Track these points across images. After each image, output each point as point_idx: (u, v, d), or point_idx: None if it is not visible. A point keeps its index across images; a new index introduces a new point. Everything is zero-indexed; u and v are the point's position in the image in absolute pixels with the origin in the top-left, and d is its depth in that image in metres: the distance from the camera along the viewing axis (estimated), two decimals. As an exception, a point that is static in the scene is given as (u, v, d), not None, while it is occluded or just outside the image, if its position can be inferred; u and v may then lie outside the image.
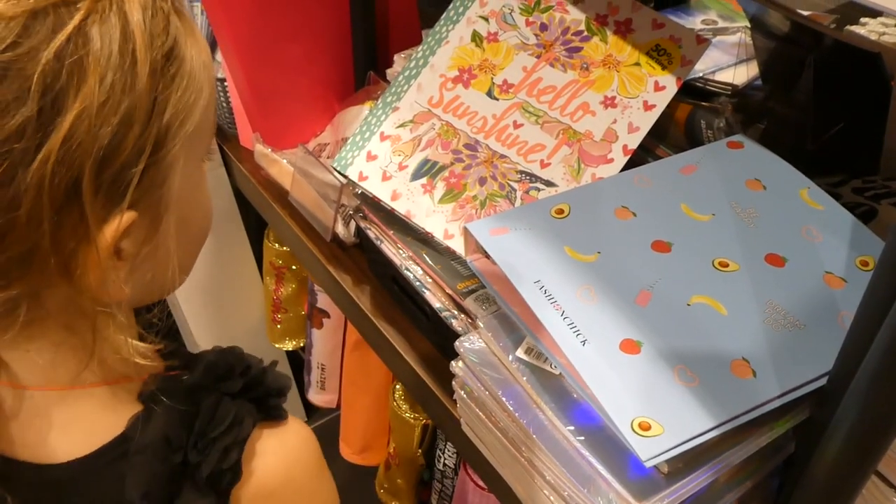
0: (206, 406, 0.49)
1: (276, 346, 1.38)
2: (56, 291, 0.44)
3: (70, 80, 0.39)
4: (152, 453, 0.47)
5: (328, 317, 1.21)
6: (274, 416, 0.52)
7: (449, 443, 1.04)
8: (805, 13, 0.92)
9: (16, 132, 0.38)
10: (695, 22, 0.96)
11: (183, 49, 0.44)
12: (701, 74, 0.84)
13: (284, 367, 1.53)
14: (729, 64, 0.87)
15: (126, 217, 0.42)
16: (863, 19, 1.00)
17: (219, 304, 1.38)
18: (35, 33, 0.39)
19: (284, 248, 1.24)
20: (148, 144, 0.42)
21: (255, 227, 1.33)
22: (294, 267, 1.26)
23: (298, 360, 1.45)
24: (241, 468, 0.49)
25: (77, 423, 0.48)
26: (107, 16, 0.40)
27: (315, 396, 1.35)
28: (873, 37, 0.97)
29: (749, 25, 0.83)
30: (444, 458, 1.05)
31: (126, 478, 0.47)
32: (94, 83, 0.39)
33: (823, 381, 0.51)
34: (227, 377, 0.51)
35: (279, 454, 0.51)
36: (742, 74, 0.85)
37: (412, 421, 1.07)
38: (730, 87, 0.83)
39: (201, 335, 1.38)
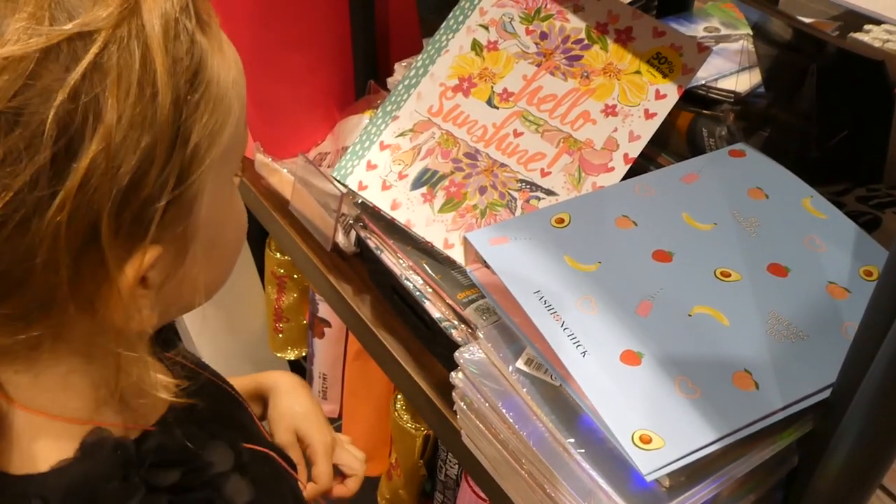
0: (111, 490, 0.44)
1: (278, 355, 1.38)
2: (78, 327, 0.42)
3: (86, 120, 0.36)
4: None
5: (329, 326, 1.21)
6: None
7: (450, 453, 1.03)
8: (808, 20, 0.92)
9: (29, 182, 0.35)
10: (697, 29, 0.96)
11: (209, 70, 0.41)
12: (703, 82, 0.84)
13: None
14: (731, 71, 0.86)
15: (150, 254, 0.40)
16: (866, 26, 1.00)
17: (221, 313, 1.37)
18: (48, 72, 0.35)
19: (286, 257, 1.23)
20: (172, 177, 0.39)
21: (257, 237, 1.33)
22: (295, 276, 1.26)
23: (300, 370, 1.44)
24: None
25: (39, 441, 0.45)
26: (125, 45, 0.37)
27: (317, 406, 1.34)
28: (877, 44, 0.97)
29: (751, 33, 0.83)
30: (446, 469, 1.04)
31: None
32: (111, 122, 0.36)
33: (827, 393, 0.50)
34: (168, 466, 0.47)
35: None
36: (745, 82, 0.84)
37: (413, 431, 1.06)
38: (732, 95, 0.83)
39: (203, 344, 1.37)
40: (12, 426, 0.45)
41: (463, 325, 0.70)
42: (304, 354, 1.36)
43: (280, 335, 1.35)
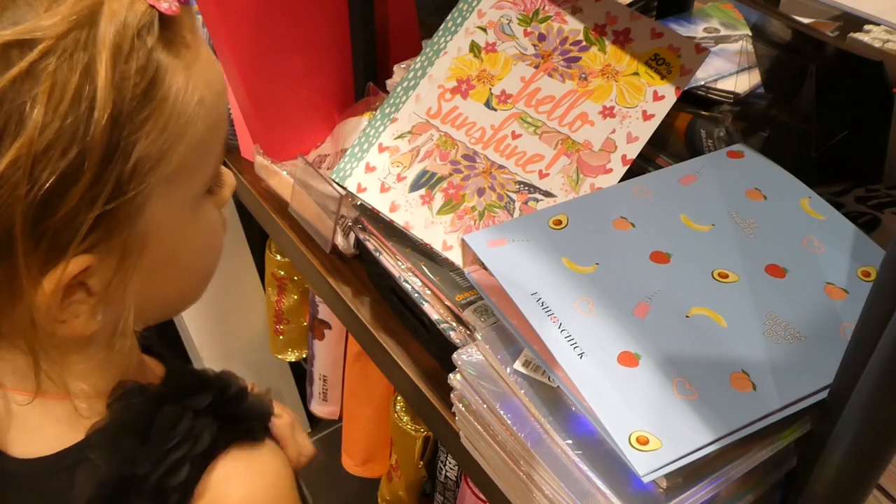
0: (162, 416, 0.47)
1: (279, 356, 1.38)
2: (9, 321, 0.42)
3: (6, 127, 0.36)
4: (103, 459, 0.46)
5: (329, 328, 1.21)
6: (246, 439, 0.50)
7: (450, 455, 1.03)
8: (807, 21, 0.92)
9: None
10: (696, 30, 0.96)
11: (166, 88, 0.40)
12: (702, 83, 0.84)
13: (287, 379, 1.53)
14: (731, 72, 0.86)
15: (74, 264, 0.40)
16: (866, 27, 1.00)
17: (221, 314, 1.38)
18: None
19: (286, 259, 1.23)
20: (104, 191, 0.39)
21: (257, 238, 1.33)
22: (296, 278, 1.26)
23: (301, 372, 1.44)
24: (192, 487, 0.47)
25: (46, 427, 0.47)
26: (67, 56, 0.37)
27: (317, 408, 1.34)
28: (877, 44, 0.96)
29: (751, 34, 0.83)
30: (446, 471, 1.04)
31: (81, 481, 0.46)
32: (33, 131, 0.36)
33: (825, 394, 0.50)
34: (197, 392, 0.49)
35: (244, 478, 0.49)
36: (744, 83, 0.84)
37: (413, 433, 1.06)
38: (732, 96, 0.83)
39: (204, 346, 1.38)
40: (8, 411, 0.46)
41: (461, 327, 0.70)
42: (304, 356, 1.36)
43: (280, 337, 1.35)
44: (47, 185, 0.37)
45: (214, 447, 0.48)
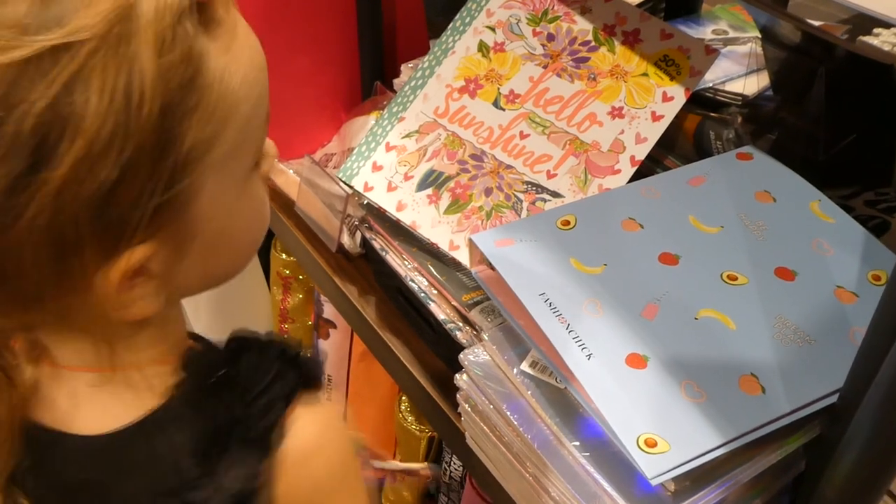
0: (247, 361, 0.49)
1: (283, 356, 1.38)
2: (77, 310, 0.43)
3: (64, 130, 0.36)
4: (195, 413, 0.47)
5: (334, 327, 1.21)
6: (310, 388, 0.52)
7: (455, 455, 1.03)
8: (817, 23, 0.91)
9: (6, 189, 0.36)
10: (705, 32, 0.95)
11: (209, 75, 0.40)
12: (711, 85, 0.84)
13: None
14: (739, 74, 0.86)
15: (139, 253, 0.41)
16: (876, 30, 0.99)
17: (226, 313, 1.37)
18: (29, 82, 0.36)
19: (291, 258, 1.23)
20: (160, 182, 0.40)
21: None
22: (301, 277, 1.26)
23: (305, 371, 1.44)
24: (284, 427, 0.49)
25: (113, 402, 0.48)
26: (111, 55, 0.37)
27: (321, 407, 1.34)
28: (886, 47, 0.96)
29: (760, 36, 0.82)
30: (450, 471, 1.04)
31: (173, 438, 0.47)
32: (91, 132, 0.37)
33: (834, 398, 0.50)
34: (265, 345, 0.52)
35: (317, 420, 0.51)
36: (753, 85, 0.84)
37: (418, 433, 1.06)
38: (740, 98, 0.82)
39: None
40: (65, 389, 0.47)
41: (468, 327, 0.69)
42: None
43: (285, 336, 1.35)
44: (109, 181, 0.38)
45: (295, 390, 0.50)
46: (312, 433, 0.51)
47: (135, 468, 0.48)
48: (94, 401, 0.48)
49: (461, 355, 0.61)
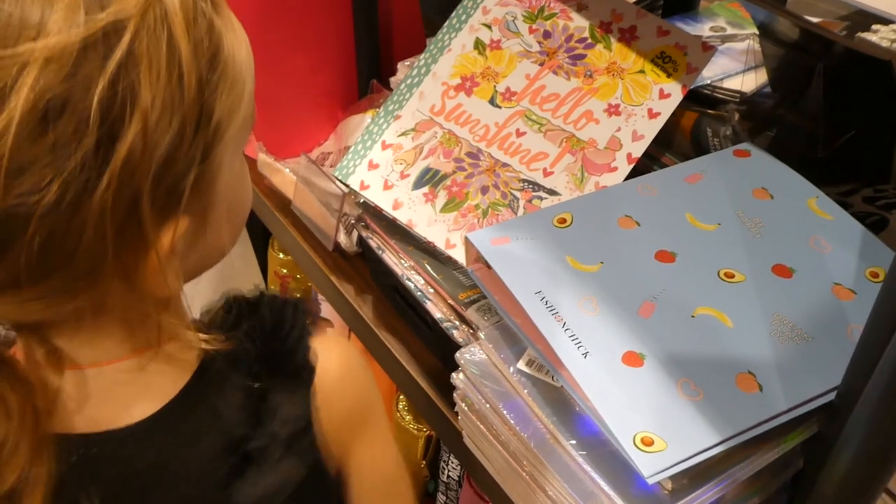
0: (266, 309, 0.52)
1: (281, 355, 1.38)
2: (116, 294, 0.45)
3: (124, 105, 0.38)
4: (233, 368, 0.50)
5: (332, 326, 1.20)
6: (314, 321, 0.56)
7: (452, 455, 1.03)
8: (815, 20, 0.91)
9: (79, 164, 0.38)
10: (703, 29, 0.95)
11: (226, 50, 0.43)
12: (709, 82, 0.83)
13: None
14: (737, 71, 0.86)
15: (181, 224, 0.43)
16: (874, 26, 0.99)
17: (224, 313, 1.37)
18: (88, 62, 0.37)
19: (288, 257, 1.23)
20: (198, 153, 0.42)
21: (260, 236, 1.32)
22: (298, 276, 1.26)
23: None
24: (312, 361, 0.52)
25: (152, 380, 0.49)
26: (153, 32, 0.39)
27: (320, 407, 1.34)
28: (885, 44, 0.95)
29: (758, 32, 0.82)
30: (448, 470, 1.04)
31: (217, 400, 0.49)
32: (146, 105, 0.39)
33: (832, 396, 0.49)
34: (266, 295, 0.55)
35: (333, 346, 0.55)
36: (751, 82, 0.84)
37: (416, 432, 1.06)
38: (738, 95, 0.82)
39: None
40: (91, 385, 0.48)
41: (464, 326, 0.69)
42: (307, 355, 1.35)
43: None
44: (163, 152, 0.40)
45: (311, 324, 0.54)
46: (336, 361, 0.55)
47: (190, 438, 0.50)
48: (130, 388, 0.49)
49: (457, 354, 0.61)
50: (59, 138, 0.37)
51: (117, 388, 0.48)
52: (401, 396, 1.09)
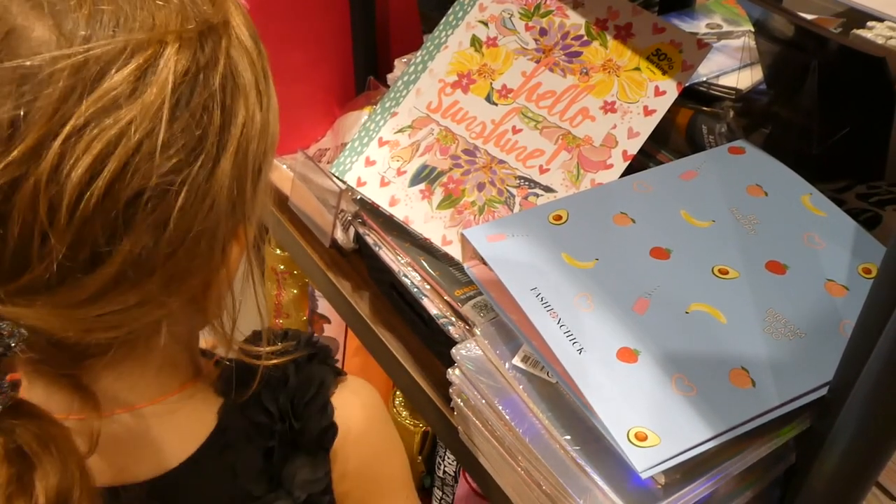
0: (291, 373, 0.53)
1: (279, 351, 1.38)
2: (177, 317, 0.46)
3: (234, 94, 0.41)
4: (255, 431, 0.50)
5: (329, 322, 1.21)
6: (339, 371, 0.56)
7: (448, 450, 1.03)
8: (810, 17, 0.91)
9: (212, 143, 0.40)
10: (699, 26, 0.95)
11: (260, 46, 0.46)
12: (704, 79, 0.84)
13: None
14: (733, 68, 0.86)
15: (250, 231, 0.46)
16: (869, 23, 0.99)
17: (221, 309, 1.37)
18: (208, 48, 0.40)
19: (285, 253, 1.23)
20: (269, 154, 0.45)
21: (257, 233, 1.32)
22: (295, 272, 1.26)
23: (301, 366, 1.44)
24: (335, 423, 0.53)
25: (182, 425, 0.49)
26: (230, 31, 0.42)
27: (317, 402, 1.34)
28: (880, 41, 0.96)
29: (753, 29, 0.82)
30: (445, 466, 1.04)
31: (235, 462, 0.49)
32: (247, 95, 0.42)
33: (824, 391, 0.50)
34: (293, 349, 0.55)
35: (356, 401, 0.56)
36: (746, 79, 0.84)
37: (412, 427, 1.06)
38: (734, 92, 0.82)
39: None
40: (139, 430, 0.48)
41: (460, 322, 0.70)
42: (304, 351, 1.36)
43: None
44: (257, 140, 0.43)
45: (331, 380, 0.55)
46: (359, 411, 0.55)
47: (212, 488, 0.50)
48: (163, 432, 0.48)
49: (454, 350, 0.62)
50: (194, 114, 0.39)
51: (148, 434, 0.48)
52: (397, 392, 1.10)
